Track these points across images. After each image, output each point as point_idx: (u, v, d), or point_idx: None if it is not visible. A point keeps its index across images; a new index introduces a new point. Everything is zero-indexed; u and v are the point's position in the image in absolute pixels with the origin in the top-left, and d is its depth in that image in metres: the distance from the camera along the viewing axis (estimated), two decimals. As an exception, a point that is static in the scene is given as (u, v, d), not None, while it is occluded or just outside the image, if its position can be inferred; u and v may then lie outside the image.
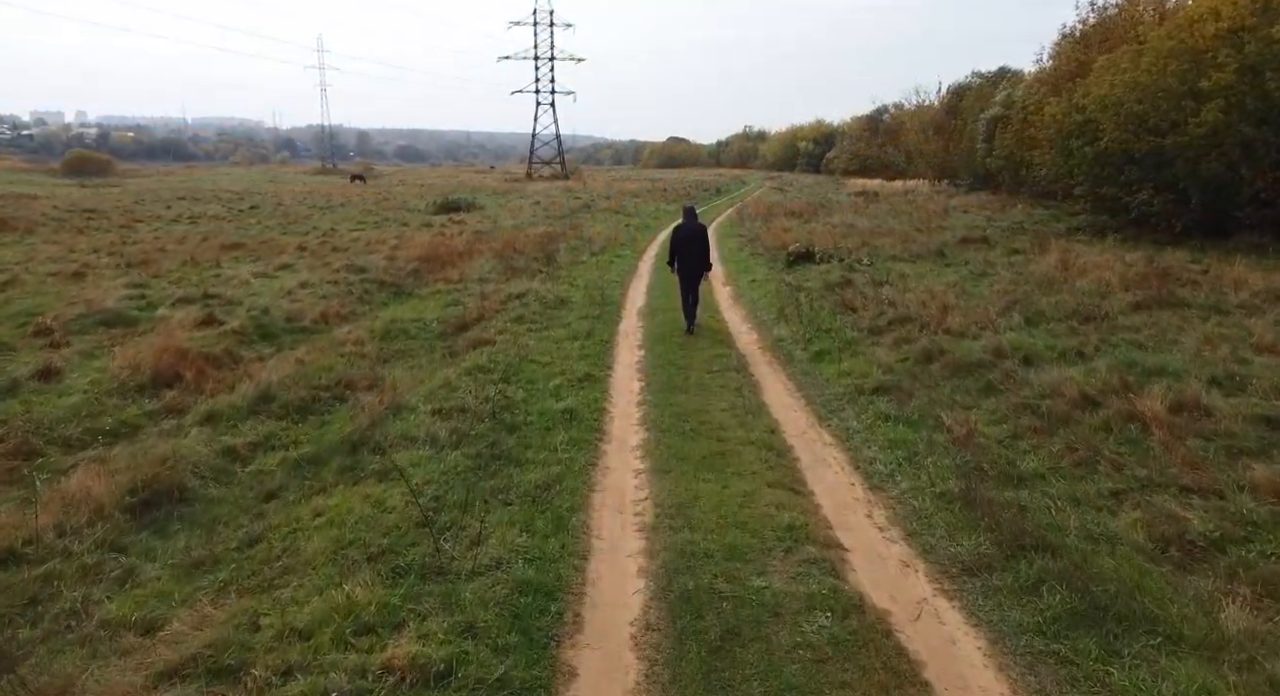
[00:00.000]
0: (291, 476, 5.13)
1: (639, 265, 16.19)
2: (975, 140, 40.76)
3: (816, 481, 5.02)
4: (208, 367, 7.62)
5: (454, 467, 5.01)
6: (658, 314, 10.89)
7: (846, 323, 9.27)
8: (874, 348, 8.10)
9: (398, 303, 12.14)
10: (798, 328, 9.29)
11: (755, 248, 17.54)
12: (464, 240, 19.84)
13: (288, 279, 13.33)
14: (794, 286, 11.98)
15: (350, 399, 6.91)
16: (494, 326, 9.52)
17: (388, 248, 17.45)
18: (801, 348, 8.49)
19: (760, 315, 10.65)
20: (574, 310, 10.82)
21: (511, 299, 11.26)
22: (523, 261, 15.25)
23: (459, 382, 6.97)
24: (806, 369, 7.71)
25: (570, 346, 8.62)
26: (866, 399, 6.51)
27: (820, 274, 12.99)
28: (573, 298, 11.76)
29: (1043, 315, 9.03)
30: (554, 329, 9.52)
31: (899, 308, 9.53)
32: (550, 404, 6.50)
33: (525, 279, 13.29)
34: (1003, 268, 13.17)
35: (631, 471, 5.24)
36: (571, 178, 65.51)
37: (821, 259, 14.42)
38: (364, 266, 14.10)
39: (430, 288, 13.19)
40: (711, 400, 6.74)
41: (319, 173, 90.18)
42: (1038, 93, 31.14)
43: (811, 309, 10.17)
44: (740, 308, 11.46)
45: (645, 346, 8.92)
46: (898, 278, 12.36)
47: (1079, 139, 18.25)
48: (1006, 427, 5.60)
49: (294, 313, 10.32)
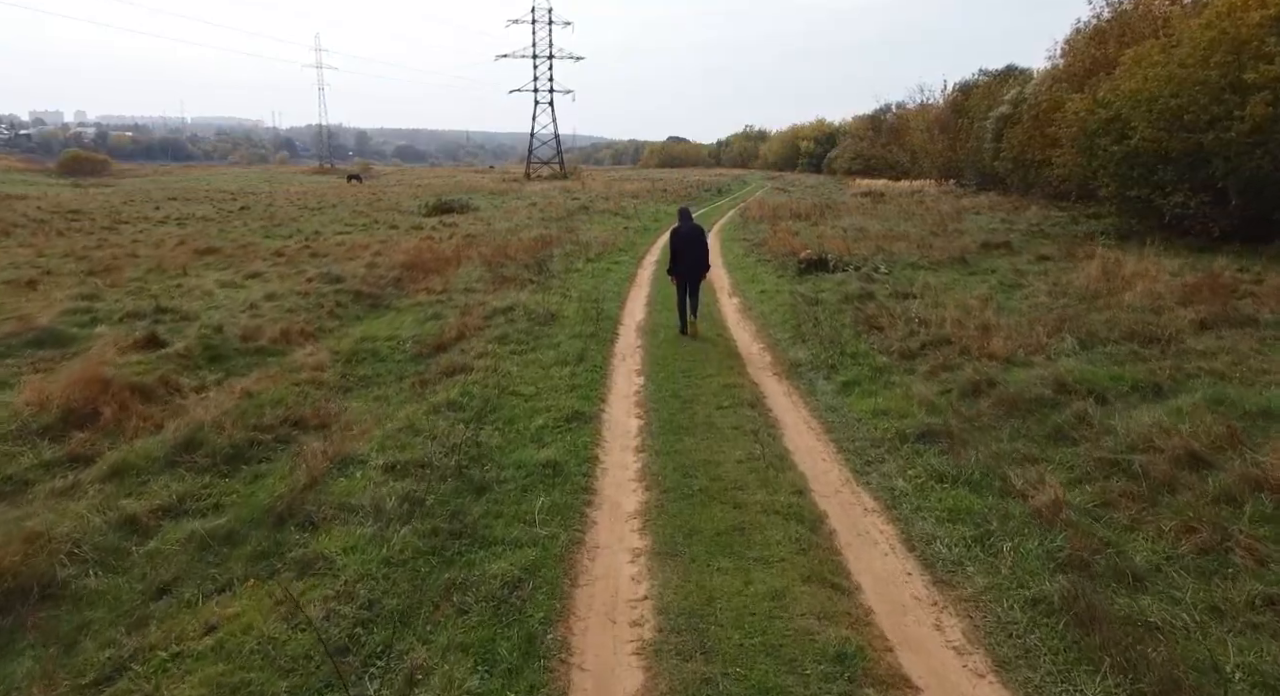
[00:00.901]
0: (195, 561, 4.03)
1: (638, 273, 15.10)
2: (983, 140, 39.76)
3: (863, 570, 3.93)
4: (134, 402, 6.51)
5: (400, 552, 3.92)
6: (659, 331, 9.80)
7: (873, 344, 8.17)
8: (909, 377, 7.00)
9: (373, 317, 11.04)
10: (817, 349, 8.20)
11: (762, 253, 16.44)
12: (453, 245, 18.75)
13: (255, 289, 12.23)
14: (808, 299, 10.89)
15: (296, 442, 5.82)
16: (474, 348, 8.43)
17: (369, 254, 16.34)
18: (824, 376, 7.39)
19: (773, 333, 9.56)
20: (565, 327, 9.72)
21: (497, 314, 10.17)
22: (513, 269, 14.16)
23: (424, 424, 5.87)
24: (833, 403, 6.61)
25: (559, 373, 7.52)
26: (910, 447, 5.41)
27: (836, 284, 11.90)
28: (565, 312, 10.66)
29: (1096, 336, 7.94)
30: (541, 351, 8.42)
31: (931, 326, 8.43)
32: (530, 453, 5.40)
33: (514, 289, 12.19)
34: (1034, 277, 12.08)
35: (627, 551, 4.15)
36: (571, 178, 64.38)
37: (835, 266, 13.32)
38: (340, 275, 12.99)
39: (411, 299, 12.09)
40: (724, 446, 5.64)
41: (317, 172, 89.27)
42: (1050, 90, 30.14)
43: (831, 327, 9.08)
44: (750, 322, 10.36)
45: (645, 372, 7.82)
46: (921, 288, 11.27)
47: (1106, 137, 17.15)
48: (1091, 492, 4.51)
49: (252, 330, 9.22)
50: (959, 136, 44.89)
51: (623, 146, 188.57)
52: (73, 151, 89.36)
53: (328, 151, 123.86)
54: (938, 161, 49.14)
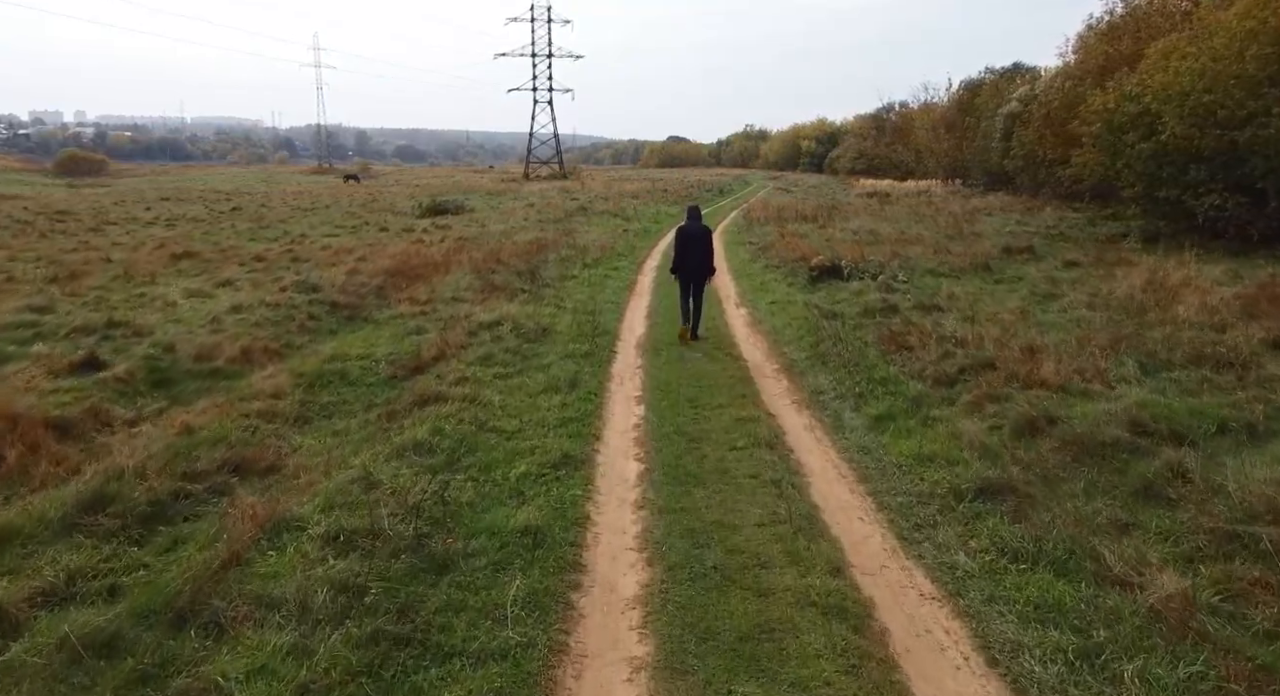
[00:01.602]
0: (56, 684, 3.09)
1: (638, 279, 14.15)
2: (990, 138, 38.90)
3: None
4: (48, 441, 5.58)
5: (325, 675, 2.98)
6: (660, 349, 8.85)
7: (904, 368, 7.23)
8: (950, 409, 6.06)
9: (349, 331, 10.10)
10: (840, 373, 7.25)
11: (770, 259, 15.49)
12: (444, 248, 17.82)
13: (224, 299, 11.29)
14: (825, 312, 9.94)
15: (231, 493, 4.88)
16: (453, 371, 7.48)
17: (353, 259, 15.40)
18: (851, 406, 6.44)
19: (788, 351, 8.61)
20: (558, 344, 8.78)
21: (483, 329, 9.22)
22: (505, 276, 13.21)
23: (383, 472, 4.93)
24: (865, 443, 5.66)
25: (547, 403, 6.57)
26: (967, 507, 4.46)
27: (853, 294, 10.96)
28: (558, 326, 9.72)
29: (1157, 358, 7.00)
30: (529, 374, 7.48)
31: (969, 346, 7.48)
32: (507, 513, 4.46)
33: (504, 299, 11.25)
34: (1068, 286, 11.14)
35: (623, 663, 3.21)
36: (570, 178, 63.44)
37: (850, 274, 12.38)
38: (317, 284, 12.04)
39: (392, 310, 11.15)
40: (740, 501, 4.70)
41: (315, 172, 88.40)
42: (1063, 87, 29.25)
43: (854, 346, 8.13)
44: (761, 338, 9.41)
45: (646, 400, 6.88)
46: (947, 300, 10.33)
47: (1133, 132, 16.16)
48: (1211, 576, 3.56)
49: (208, 349, 8.27)
50: (965, 135, 44.08)
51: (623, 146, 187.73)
52: (69, 151, 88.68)
53: (326, 151, 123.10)
54: (943, 161, 48.34)
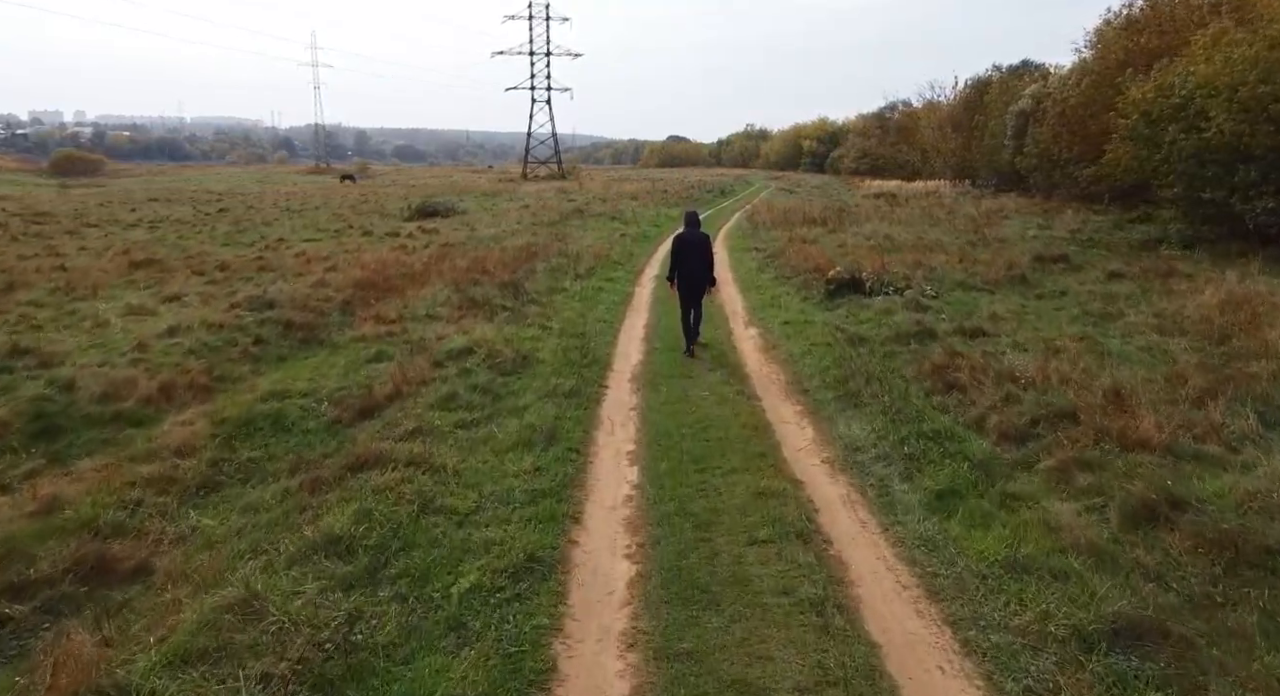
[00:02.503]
0: None
1: (635, 293, 12.79)
2: (1000, 137, 37.65)
3: None
4: None
5: None
6: (660, 383, 7.49)
7: (959, 416, 5.87)
8: (1030, 481, 4.70)
9: (299, 357, 8.75)
10: (880, 423, 5.89)
11: (780, 269, 14.12)
12: (427, 255, 16.47)
13: (165, 317, 9.94)
14: (849, 335, 8.60)
15: (72, 615, 3.55)
16: (408, 416, 6.14)
17: (323, 268, 14.04)
18: (900, 473, 5.08)
19: (810, 387, 7.25)
20: (538, 377, 7.43)
21: (452, 358, 7.87)
22: (487, 289, 11.85)
23: (276, 589, 3.58)
24: (927, 534, 4.30)
25: (516, 465, 5.22)
26: (1101, 663, 3.11)
27: (879, 313, 9.60)
28: (540, 352, 8.36)
29: (1275, 405, 5.66)
30: (500, 421, 6.13)
31: (1035, 386, 6.12)
32: (438, 667, 3.11)
33: (482, 319, 9.90)
34: (1125, 304, 9.78)
35: None
36: (569, 178, 62.08)
37: (872, 288, 11.02)
38: (273, 299, 10.68)
39: (355, 331, 9.80)
40: (770, 640, 3.35)
41: (312, 172, 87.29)
42: (1079, 84, 27.96)
43: (890, 383, 6.78)
44: (776, 368, 8.05)
45: (641, 459, 5.52)
46: (990, 321, 8.98)
47: (1175, 124, 14.76)
48: None
49: (119, 385, 6.92)
50: (973, 134, 42.87)
51: (623, 146, 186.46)
52: (65, 151, 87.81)
53: (324, 151, 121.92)
54: (950, 161, 47.14)
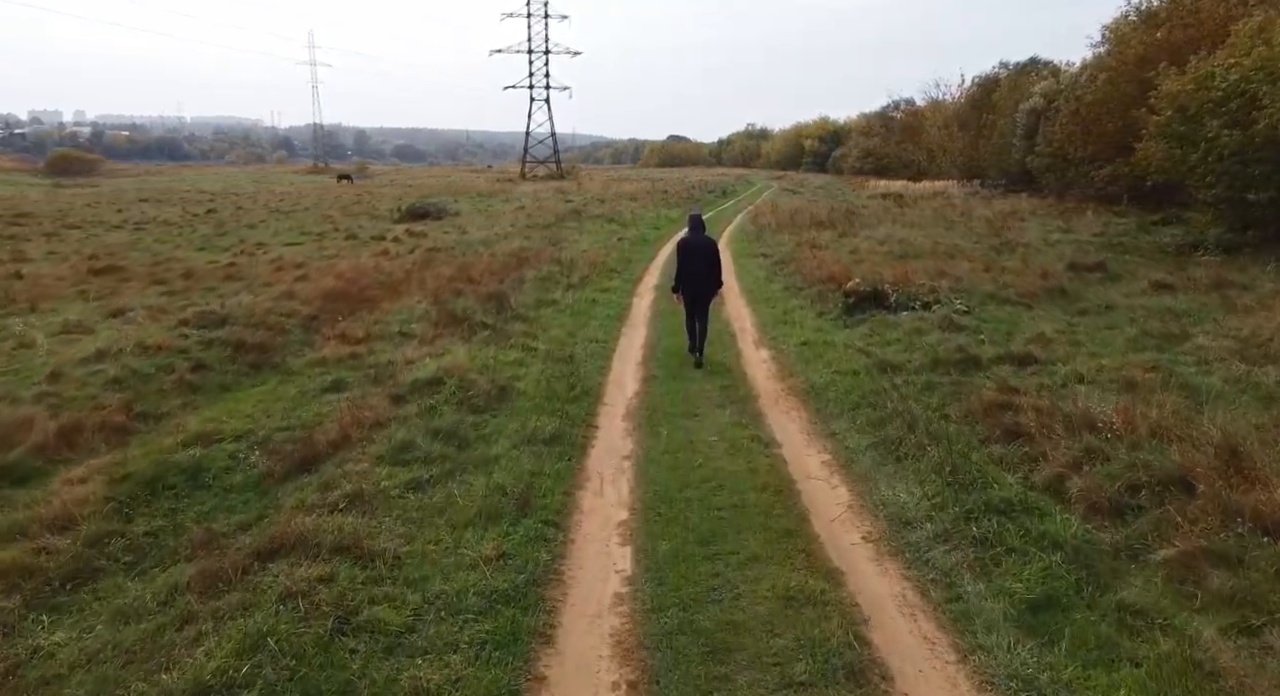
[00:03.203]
0: None
1: (632, 305, 11.64)
2: (1009, 136, 36.58)
3: None
4: None
5: None
6: (660, 423, 6.33)
7: (1027, 473, 4.74)
8: (1150, 583, 3.56)
9: (244, 387, 7.61)
10: (935, 487, 4.75)
11: (790, 277, 12.96)
12: (409, 262, 15.35)
13: (102, 336, 8.80)
14: (877, 362, 7.45)
15: None
16: (350, 474, 5.00)
17: (291, 278, 12.90)
18: (970, 566, 3.93)
19: (837, 428, 6.10)
20: (515, 416, 6.28)
21: (417, 391, 6.72)
22: (469, 302, 10.70)
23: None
24: (1025, 674, 3.13)
25: (476, 550, 4.07)
26: None
27: (908, 333, 8.46)
28: (521, 381, 7.22)
29: None
30: (463, 478, 4.98)
31: (1125, 440, 4.97)
32: None
33: (459, 338, 8.76)
34: (1187, 322, 8.64)
35: None
36: (568, 178, 60.95)
37: (897, 302, 9.89)
38: (227, 315, 9.54)
39: (315, 353, 8.66)
40: None
41: (310, 172, 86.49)
42: (1094, 81, 26.83)
43: (936, 428, 5.63)
44: (795, 403, 6.90)
45: (635, 540, 4.37)
46: (1036, 343, 7.84)
47: (1217, 118, 13.59)
48: None
49: (11, 428, 5.78)
50: (981, 133, 41.81)
51: (623, 145, 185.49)
52: (61, 151, 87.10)
53: (322, 150, 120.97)
54: (957, 160, 46.11)
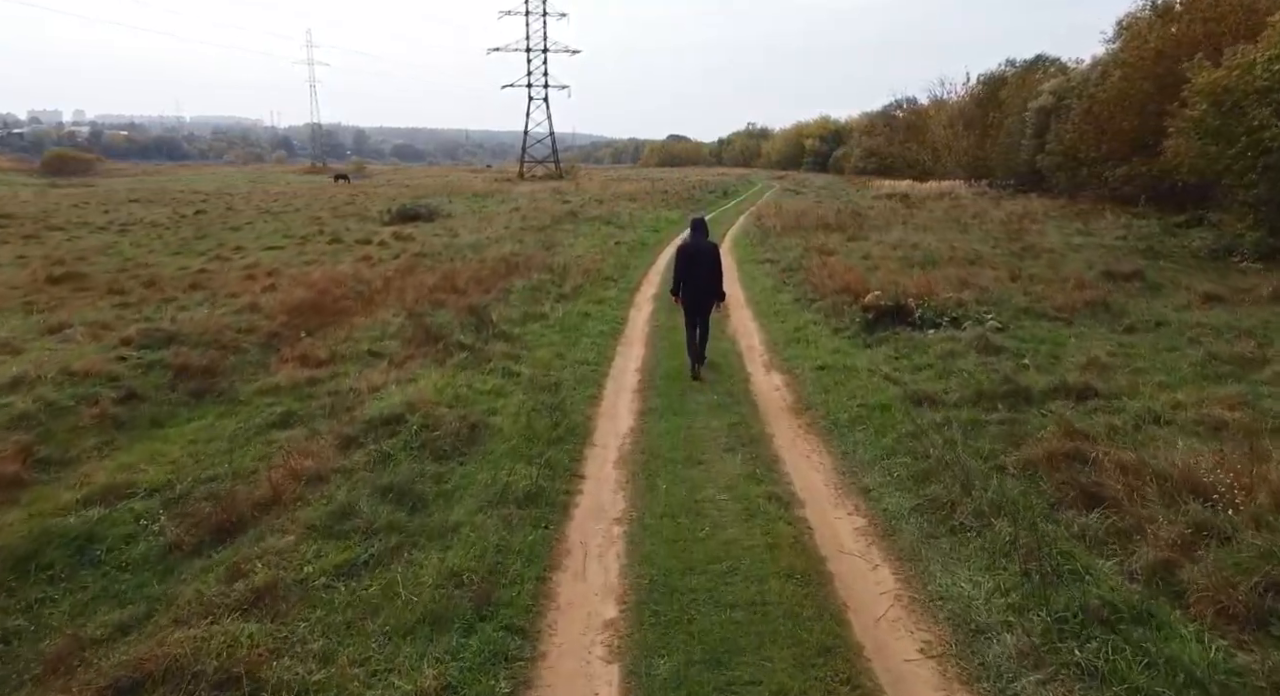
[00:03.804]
0: None
1: (629, 319, 10.61)
2: (1018, 135, 35.62)
3: None
4: None
5: None
6: (659, 473, 5.31)
7: (1120, 555, 3.74)
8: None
9: (180, 420, 6.59)
10: (1006, 576, 3.75)
11: (800, 287, 11.92)
12: (391, 269, 14.35)
13: (28, 358, 7.79)
14: (910, 393, 6.43)
15: None
16: (267, 555, 3.99)
17: (260, 287, 11.89)
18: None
19: (870, 482, 5.08)
20: (487, 465, 5.26)
21: (372, 431, 5.70)
22: (448, 316, 9.70)
23: None
24: None
25: (411, 685, 3.07)
26: None
27: (940, 357, 7.44)
28: (498, 417, 6.19)
29: None
30: (413, 556, 3.97)
31: (1242, 509, 3.97)
32: None
33: (433, 361, 7.74)
34: (1260, 344, 7.62)
35: None
36: (567, 178, 59.95)
37: (924, 318, 8.87)
38: (174, 334, 8.51)
39: (269, 377, 7.65)
40: None
41: (308, 172, 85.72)
42: (1106, 78, 25.83)
43: (991, 485, 4.61)
44: (817, 446, 5.87)
45: (625, 653, 3.36)
46: (1090, 369, 6.82)
47: (1264, 107, 12.50)
48: None
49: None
50: (987, 132, 40.90)
51: (623, 145, 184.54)
52: (56, 150, 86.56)
53: (320, 150, 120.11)
54: (963, 160, 45.16)
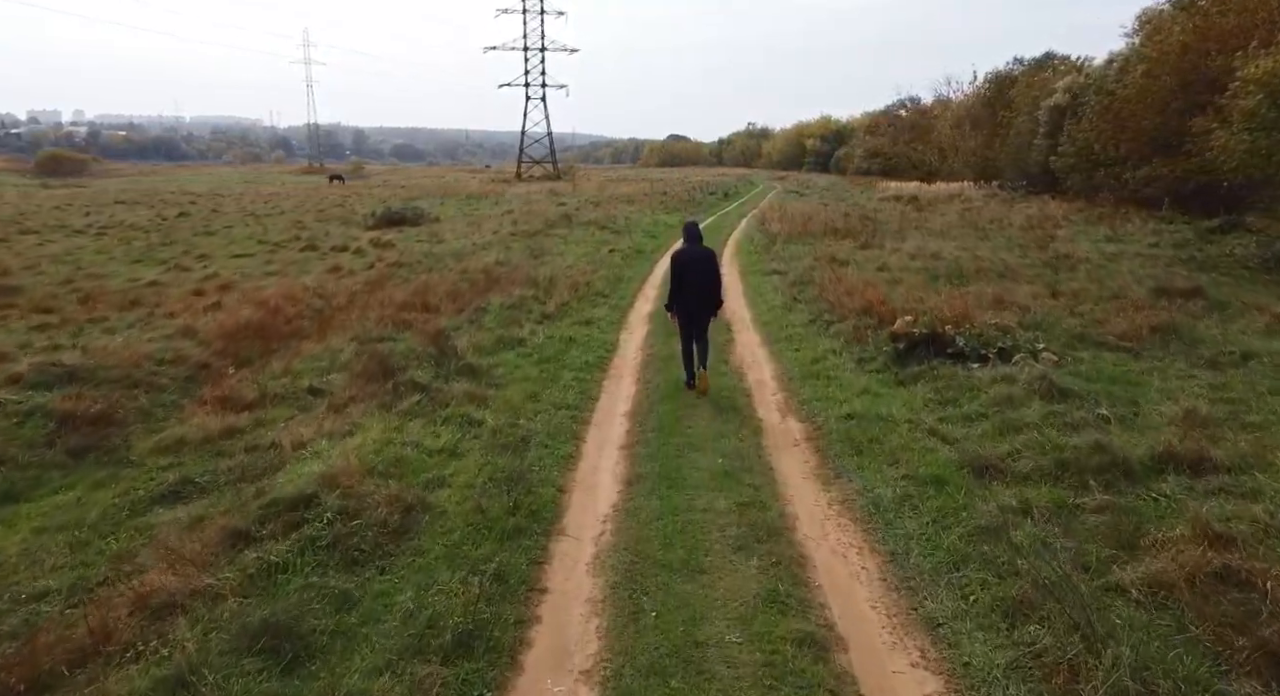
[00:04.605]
0: None
1: (620, 345, 9.20)
2: (1029, 135, 34.30)
3: None
4: None
5: None
6: (649, 582, 3.88)
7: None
8: None
9: (41, 492, 5.22)
10: None
11: (814, 304, 10.51)
12: (361, 281, 13.02)
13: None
14: (970, 462, 5.06)
15: None
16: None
17: (206, 304, 10.53)
18: None
19: (936, 612, 3.69)
20: (413, 579, 3.87)
21: (274, 518, 4.34)
22: (410, 344, 8.33)
23: None
24: None
25: None
26: None
27: (995, 403, 6.06)
28: (446, 491, 4.82)
29: None
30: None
31: None
32: None
33: (378, 405, 6.38)
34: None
35: None
36: (565, 178, 58.64)
37: (967, 349, 7.49)
38: (75, 370, 7.14)
39: (177, 429, 6.28)
40: None
41: (305, 172, 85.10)
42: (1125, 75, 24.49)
43: (1110, 621, 3.26)
44: (856, 542, 4.48)
45: None
46: (1193, 426, 5.45)
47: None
48: None
49: None
50: (996, 132, 39.60)
51: (622, 145, 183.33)
52: (51, 150, 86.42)
53: (317, 150, 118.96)
54: (971, 160, 43.83)
